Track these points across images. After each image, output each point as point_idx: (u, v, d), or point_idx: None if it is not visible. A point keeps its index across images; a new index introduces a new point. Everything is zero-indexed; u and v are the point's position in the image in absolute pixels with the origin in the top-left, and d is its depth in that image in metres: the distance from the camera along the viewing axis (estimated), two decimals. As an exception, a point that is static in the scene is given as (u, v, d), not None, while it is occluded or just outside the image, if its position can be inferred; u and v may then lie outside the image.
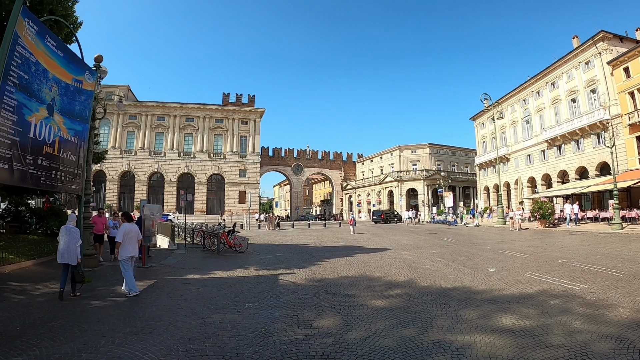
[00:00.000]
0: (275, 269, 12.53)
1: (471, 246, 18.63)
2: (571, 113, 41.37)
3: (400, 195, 69.73)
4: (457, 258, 14.25)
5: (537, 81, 47.29)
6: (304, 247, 19.93)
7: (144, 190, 69.56)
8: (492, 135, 58.54)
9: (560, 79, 43.15)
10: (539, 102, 47.15)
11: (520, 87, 50.71)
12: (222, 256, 16.20)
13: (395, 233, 30.28)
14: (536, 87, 47.68)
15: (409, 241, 22.36)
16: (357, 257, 15.25)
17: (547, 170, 44.67)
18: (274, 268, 12.68)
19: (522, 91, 50.70)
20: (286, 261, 14.38)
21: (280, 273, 11.58)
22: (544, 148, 45.41)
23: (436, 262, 13.42)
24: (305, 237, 27.96)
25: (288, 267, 12.72)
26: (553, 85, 44.66)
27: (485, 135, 60.80)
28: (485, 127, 61.16)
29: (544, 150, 45.42)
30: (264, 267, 12.99)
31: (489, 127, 59.60)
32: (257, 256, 16.14)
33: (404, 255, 15.35)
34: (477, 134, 63.86)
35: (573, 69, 41.19)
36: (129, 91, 74.99)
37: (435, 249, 17.53)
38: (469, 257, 14.37)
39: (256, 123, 75.81)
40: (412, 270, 11.64)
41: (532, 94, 48.56)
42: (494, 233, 26.98)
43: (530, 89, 48.82)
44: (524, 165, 49.29)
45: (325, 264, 13.46)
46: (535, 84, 47.82)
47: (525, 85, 49.75)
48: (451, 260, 13.75)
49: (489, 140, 59.66)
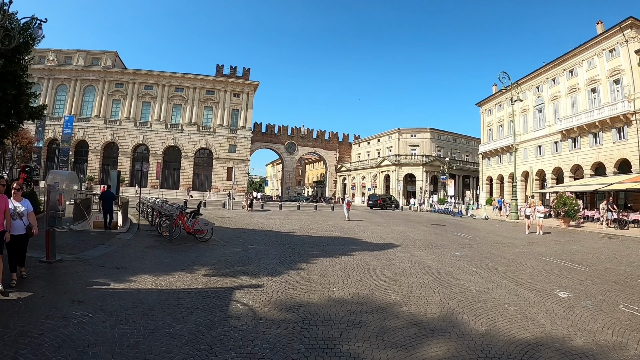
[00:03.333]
0: (235, 274, 8.41)
1: (499, 247, 14.76)
2: (590, 104, 37.46)
3: (398, 180, 65.84)
4: (495, 268, 10.21)
5: (554, 67, 43.11)
6: (287, 237, 15.68)
7: (127, 163, 65.09)
8: (499, 122, 54.61)
9: (580, 66, 39.03)
10: (554, 90, 43.05)
11: (534, 73, 46.44)
12: (174, 246, 11.99)
13: (397, 222, 26.11)
14: (552, 74, 43.52)
15: (417, 234, 18.40)
16: (356, 257, 11.16)
17: (559, 164, 40.73)
18: (233, 273, 8.54)
19: (535, 77, 46.47)
20: (257, 260, 10.24)
21: (238, 285, 7.42)
22: (557, 139, 41.43)
23: (471, 273, 9.40)
24: (292, 222, 23.43)
25: (255, 273, 8.56)
26: (571, 73, 40.55)
27: (492, 123, 56.66)
28: (492, 113, 57.02)
29: (557, 142, 41.45)
30: (221, 269, 8.86)
31: (497, 113, 55.59)
32: (220, 249, 11.90)
33: (420, 258, 11.38)
34: (483, 120, 59.73)
35: (595, 57, 37.13)
36: (116, 57, 70.07)
37: (457, 249, 13.61)
38: (511, 267, 10.37)
39: (249, 96, 70.93)
40: (445, 290, 7.55)
41: (546, 81, 44.40)
42: (512, 230, 22.76)
43: (545, 75, 44.65)
44: (533, 156, 45.33)
45: (312, 268, 9.38)
46: (551, 70, 43.66)
47: (539, 72, 45.55)
48: (491, 271, 9.70)
49: (495, 127, 55.61)
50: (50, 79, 65.87)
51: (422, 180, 63.83)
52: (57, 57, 66.86)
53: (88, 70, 66.35)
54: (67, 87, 66.29)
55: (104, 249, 10.57)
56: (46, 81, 65.52)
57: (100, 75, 66.49)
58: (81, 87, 66.57)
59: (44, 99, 65.13)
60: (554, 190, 35.42)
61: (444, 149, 72.19)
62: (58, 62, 66.60)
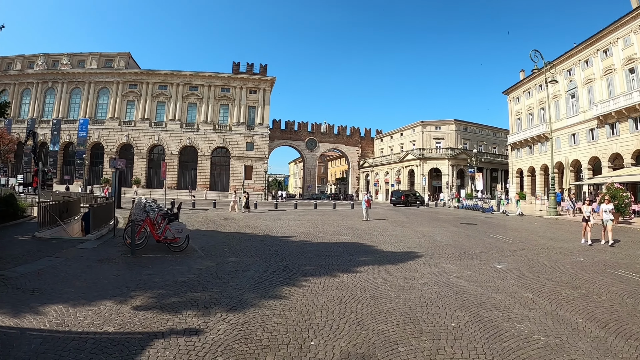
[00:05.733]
0: (179, 306, 6.20)
1: (549, 254, 12.25)
2: (628, 85, 35.50)
3: (422, 175, 64.34)
4: (558, 292, 7.55)
5: (586, 48, 40.96)
6: (285, 244, 13.80)
7: (143, 164, 65.57)
8: (528, 110, 52.38)
9: (615, 45, 36.96)
10: (587, 73, 40.80)
11: (565, 56, 44.31)
12: (136, 258, 10.25)
13: (421, 222, 24.25)
14: (584, 55, 41.29)
15: (445, 237, 16.10)
16: (363, 275, 8.87)
17: (595, 153, 38.66)
18: (178, 304, 6.31)
19: (566, 60, 44.32)
20: (225, 281, 8.12)
21: (169, 329, 5.26)
22: (592, 126, 39.37)
23: (526, 304, 6.73)
24: (301, 223, 21.76)
25: (208, 306, 6.27)
26: (606, 53, 38.52)
27: (521, 111, 54.42)
28: (520, 101, 54.75)
29: (593, 129, 39.30)
30: (166, 297, 6.74)
31: (526, 101, 53.29)
32: (191, 262, 9.98)
33: (451, 276, 8.91)
34: (511, 109, 57.52)
35: (631, 34, 35.19)
36: (129, 58, 71.19)
37: (498, 259, 11.28)
38: (579, 290, 7.77)
39: (266, 92, 70.53)
40: (493, 345, 4.94)
41: (579, 64, 42.11)
42: (555, 229, 20.61)
43: (577, 57, 42.42)
44: (567, 146, 43.24)
45: (295, 296, 7.01)
46: (583, 51, 41.47)
47: (570, 54, 43.33)
48: (554, 300, 7.03)
49: (524, 116, 53.39)
50: (64, 82, 67.66)
51: (448, 175, 62.15)
52: (71, 60, 68.48)
53: (101, 73, 67.66)
54: (81, 90, 67.80)
55: (43, 263, 9.21)
56: (60, 85, 67.33)
57: (114, 77, 67.38)
58: (95, 89, 67.81)
59: (58, 103, 66.25)
60: (594, 181, 33.29)
61: (470, 142, 70.21)
62: (71, 66, 67.99)
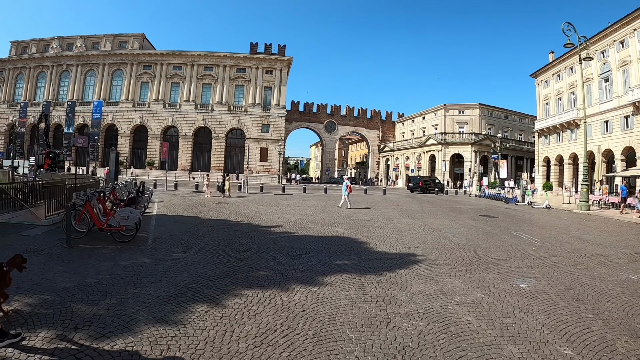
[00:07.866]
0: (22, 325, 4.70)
1: (589, 265, 9.57)
2: (668, 69, 33.07)
3: (444, 160, 63.36)
4: (610, 343, 4.92)
5: (621, 28, 38.41)
6: (260, 235, 12.55)
7: (157, 145, 66.21)
8: (557, 94, 50.28)
9: (655, 24, 34.34)
10: (622, 55, 38.51)
11: (598, 36, 41.63)
12: (67, 251, 8.88)
13: (435, 212, 22.58)
14: (619, 36, 38.84)
15: (459, 235, 13.85)
16: (324, 292, 6.65)
17: (630, 142, 36.74)
18: (27, 321, 4.84)
19: (599, 41, 41.69)
20: (138, 288, 6.37)
21: None
22: (627, 113, 37.37)
23: None
24: (299, 209, 20.92)
25: (72, 330, 4.65)
26: (644, 33, 35.83)
27: (549, 96, 52.34)
28: (549, 85, 52.63)
29: (628, 115, 37.17)
30: (34, 309, 5.26)
31: (555, 85, 51.15)
32: (124, 256, 8.57)
33: (451, 302, 6.39)
34: (539, 93, 55.40)
35: (672, 11, 32.66)
36: (144, 39, 71.91)
37: (521, 272, 8.70)
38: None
39: (282, 73, 69.92)
40: None
41: (613, 44, 39.74)
42: (588, 226, 18.67)
43: (611, 37, 39.94)
44: (599, 134, 41.27)
45: (204, 324, 5.06)
46: (618, 31, 38.94)
47: (604, 33, 40.77)
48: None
49: (553, 101, 51.30)
50: (79, 65, 69.03)
51: (471, 161, 60.91)
52: (85, 43, 69.93)
53: (115, 54, 68.57)
54: (96, 72, 69.00)
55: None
56: (75, 67, 68.75)
57: (128, 59, 68.15)
58: (109, 71, 68.85)
59: (73, 86, 67.13)
60: (629, 174, 31.83)
61: (494, 127, 68.69)
62: (86, 48, 69.24)
